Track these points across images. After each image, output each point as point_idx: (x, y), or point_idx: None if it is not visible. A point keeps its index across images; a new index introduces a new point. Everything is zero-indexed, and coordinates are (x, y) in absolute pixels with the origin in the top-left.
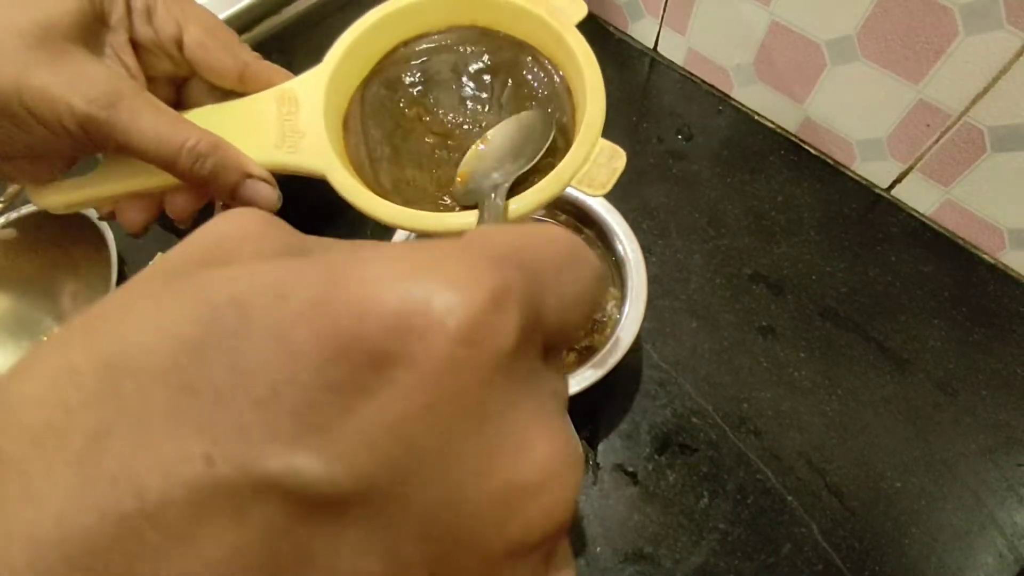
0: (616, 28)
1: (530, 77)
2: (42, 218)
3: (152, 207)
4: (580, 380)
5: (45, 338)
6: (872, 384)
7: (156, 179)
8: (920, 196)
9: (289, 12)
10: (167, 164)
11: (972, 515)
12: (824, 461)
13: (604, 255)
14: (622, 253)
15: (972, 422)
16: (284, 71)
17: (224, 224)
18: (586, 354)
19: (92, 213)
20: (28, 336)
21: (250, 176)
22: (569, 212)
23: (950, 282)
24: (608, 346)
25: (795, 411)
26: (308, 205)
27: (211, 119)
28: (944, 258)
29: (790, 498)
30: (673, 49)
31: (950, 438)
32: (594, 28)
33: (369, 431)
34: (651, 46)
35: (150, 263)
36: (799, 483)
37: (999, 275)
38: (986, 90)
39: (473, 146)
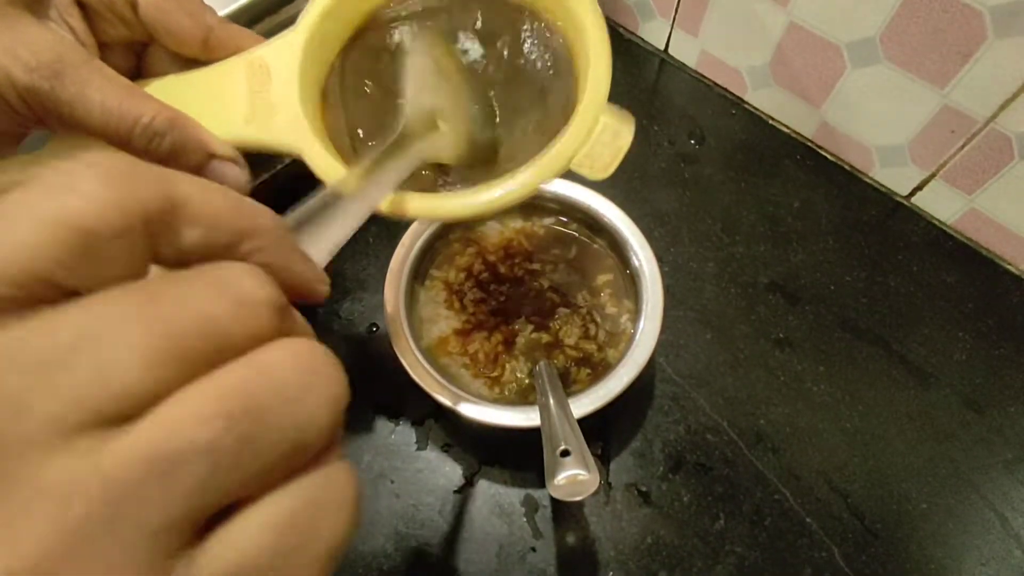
0: (626, 29)
1: (528, 42)
2: None
3: None
4: (593, 399)
5: None
6: (895, 399)
7: None
8: (942, 204)
9: (290, 10)
10: (119, 142)
11: (999, 538)
12: (845, 481)
13: (617, 266)
14: (637, 265)
15: (999, 440)
16: (254, 35)
17: None
18: (600, 370)
19: None
20: None
21: (214, 156)
22: (580, 220)
23: (974, 293)
24: (623, 363)
25: (814, 428)
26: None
27: (173, 91)
28: (968, 268)
29: (810, 520)
30: (685, 51)
31: (977, 457)
32: None
33: None
34: (662, 48)
35: None
36: (819, 504)
37: None
38: (1015, 96)
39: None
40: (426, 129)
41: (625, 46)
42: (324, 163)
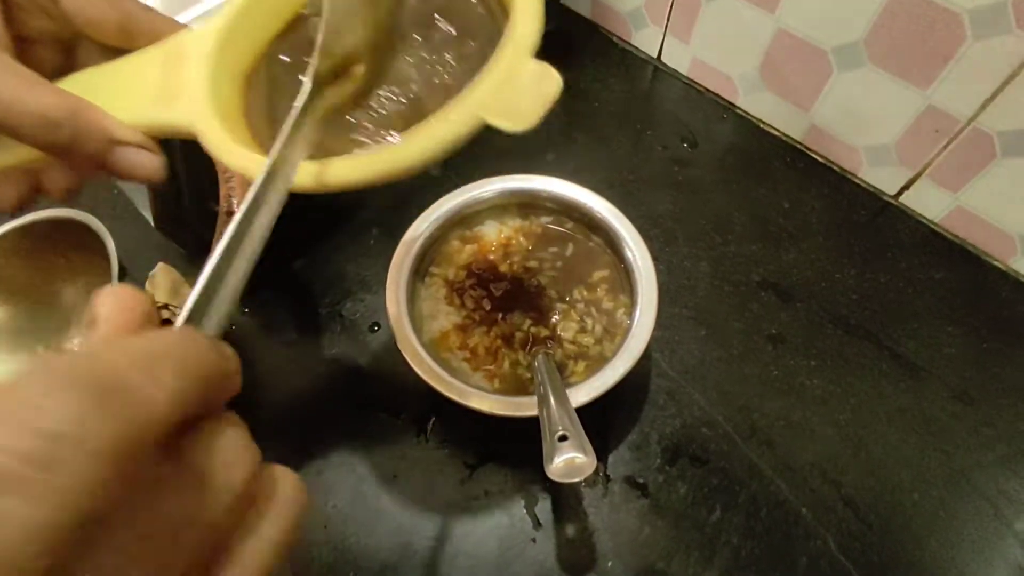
0: (619, 38)
1: (468, 20)
2: (42, 225)
3: (25, 183)
4: (590, 390)
5: (42, 349)
6: (886, 393)
7: (18, 152)
8: (929, 202)
9: None
10: (16, 134)
11: (990, 527)
12: (839, 472)
13: (613, 262)
14: (631, 260)
15: (990, 432)
16: (173, 22)
17: None
18: (596, 363)
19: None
20: (27, 348)
21: (117, 142)
22: (576, 219)
23: (962, 289)
24: (618, 355)
25: (807, 421)
26: (310, 214)
27: (89, 83)
28: (955, 264)
29: (804, 511)
30: (677, 58)
31: (968, 448)
32: (597, 38)
33: None
34: (655, 55)
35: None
36: (813, 495)
37: (1012, 282)
38: (995, 95)
39: None
40: (336, 77)
41: (619, 54)
42: (218, 141)
